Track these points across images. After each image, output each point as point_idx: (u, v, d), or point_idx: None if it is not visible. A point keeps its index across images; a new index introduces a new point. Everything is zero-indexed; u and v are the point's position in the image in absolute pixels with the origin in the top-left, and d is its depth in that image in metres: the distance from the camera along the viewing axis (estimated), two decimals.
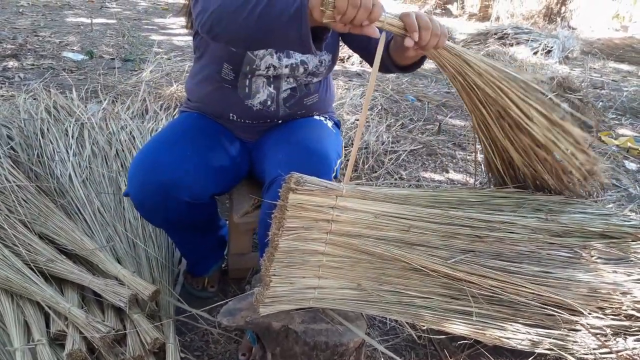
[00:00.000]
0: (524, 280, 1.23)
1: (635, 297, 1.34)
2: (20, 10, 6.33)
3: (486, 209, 1.29)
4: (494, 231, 1.24)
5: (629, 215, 1.51)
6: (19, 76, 3.74)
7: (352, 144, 2.85)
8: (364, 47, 1.47)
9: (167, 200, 1.31)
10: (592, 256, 1.34)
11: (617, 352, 1.29)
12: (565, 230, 1.33)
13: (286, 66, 1.44)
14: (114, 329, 1.36)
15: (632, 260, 1.39)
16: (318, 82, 1.55)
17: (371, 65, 1.16)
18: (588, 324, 1.30)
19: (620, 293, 1.33)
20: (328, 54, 1.49)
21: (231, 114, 1.50)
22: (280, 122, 1.54)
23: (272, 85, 1.47)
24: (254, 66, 1.43)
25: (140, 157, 1.35)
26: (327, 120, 1.59)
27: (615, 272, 1.35)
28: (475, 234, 1.21)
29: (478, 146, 1.47)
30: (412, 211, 1.14)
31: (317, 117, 1.58)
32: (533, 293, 1.24)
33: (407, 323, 1.18)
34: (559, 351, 1.26)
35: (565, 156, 1.32)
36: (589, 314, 1.30)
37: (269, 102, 1.48)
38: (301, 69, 1.46)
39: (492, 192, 1.40)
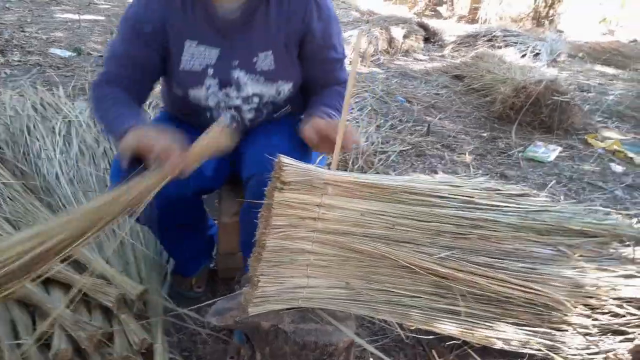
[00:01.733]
0: (509, 276, 1.24)
1: (618, 292, 1.36)
2: (7, 6, 6.25)
3: (469, 207, 1.30)
4: (477, 229, 1.25)
5: (603, 215, 1.53)
6: (5, 72, 3.69)
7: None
8: (305, 89, 1.50)
9: None
10: (575, 254, 1.35)
11: (606, 351, 1.30)
12: (547, 228, 1.35)
13: (237, 98, 1.40)
14: (101, 329, 1.34)
15: (614, 258, 1.40)
16: (288, 98, 1.47)
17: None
18: (575, 324, 1.32)
19: (604, 289, 1.34)
20: (287, 82, 1.41)
21: (200, 128, 1.47)
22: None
23: (233, 110, 1.43)
24: (202, 105, 1.41)
25: (118, 156, 1.34)
26: None
27: (599, 268, 1.37)
28: (459, 232, 1.22)
29: (467, 148, 1.47)
30: (396, 209, 1.15)
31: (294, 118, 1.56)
32: (519, 287, 1.24)
33: (395, 323, 1.18)
34: (547, 351, 1.27)
35: None
36: (575, 307, 1.31)
37: (234, 124, 1.43)
38: (256, 99, 1.41)
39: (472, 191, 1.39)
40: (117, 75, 1.36)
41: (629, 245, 1.42)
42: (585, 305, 1.35)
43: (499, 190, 1.31)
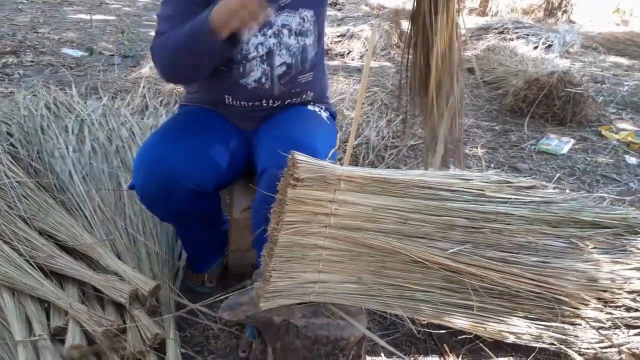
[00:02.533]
0: (523, 270, 1.23)
1: (633, 285, 1.34)
2: (20, 7, 6.31)
3: (480, 200, 1.29)
4: (490, 222, 1.24)
5: (613, 206, 1.51)
6: (18, 73, 3.73)
7: (356, 138, 2.84)
8: None
9: (171, 189, 1.33)
10: (588, 246, 1.34)
11: (619, 345, 1.29)
12: (559, 220, 1.33)
13: (270, 36, 1.45)
14: (116, 323, 1.36)
15: (628, 250, 1.39)
16: (311, 61, 1.53)
17: None
18: (588, 317, 1.30)
19: (619, 282, 1.33)
20: (308, 9, 1.49)
21: (227, 97, 1.50)
22: (275, 105, 1.53)
23: (265, 63, 1.47)
24: (244, 52, 1.44)
25: (144, 150, 1.38)
26: (323, 111, 1.59)
27: (613, 261, 1.35)
28: (472, 225, 1.21)
29: (479, 141, 1.47)
30: (409, 203, 1.15)
31: (311, 108, 1.58)
32: (533, 282, 1.24)
33: (407, 318, 1.17)
34: (559, 345, 1.26)
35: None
36: (588, 301, 1.30)
37: (263, 80, 1.48)
38: (285, 32, 1.47)
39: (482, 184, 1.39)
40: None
41: None
42: (598, 299, 1.34)
43: (510, 182, 1.30)
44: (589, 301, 1.30)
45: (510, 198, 1.27)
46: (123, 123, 2.45)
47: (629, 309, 1.36)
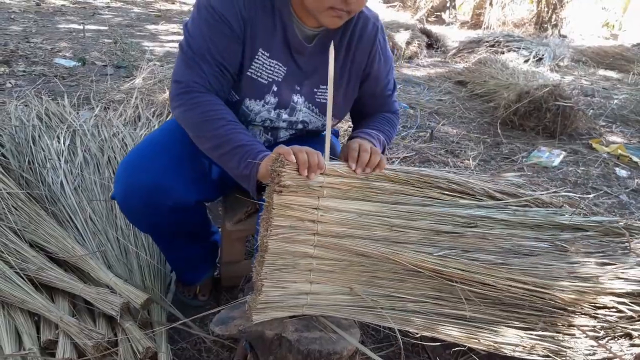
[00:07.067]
0: (511, 271, 1.23)
1: (619, 287, 1.34)
2: (12, 17, 6.30)
3: (460, 206, 1.31)
4: (473, 227, 1.25)
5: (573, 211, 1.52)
6: (10, 82, 3.72)
7: None
8: (357, 119, 1.57)
9: (149, 203, 1.30)
10: (573, 248, 1.34)
11: (613, 356, 1.29)
12: (536, 223, 1.35)
13: (285, 121, 1.41)
14: (107, 337, 1.35)
15: (610, 253, 1.40)
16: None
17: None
18: (580, 325, 1.31)
19: (604, 284, 1.33)
20: (335, 118, 1.48)
21: None
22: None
23: (269, 134, 1.46)
24: (249, 119, 1.40)
25: (126, 160, 1.33)
26: None
27: (600, 263, 1.36)
28: (456, 230, 1.23)
29: (471, 153, 1.48)
30: (393, 209, 1.17)
31: None
32: (523, 285, 1.24)
33: (398, 332, 1.17)
34: (554, 357, 1.26)
35: None
36: (578, 306, 1.30)
37: (266, 145, 1.40)
38: (300, 126, 1.44)
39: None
40: (202, 76, 1.24)
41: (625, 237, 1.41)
42: (589, 303, 1.34)
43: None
44: (579, 304, 1.30)
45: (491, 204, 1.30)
46: (115, 134, 2.45)
47: (620, 312, 1.35)
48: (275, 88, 1.34)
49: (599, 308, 1.35)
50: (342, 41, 1.35)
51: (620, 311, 1.35)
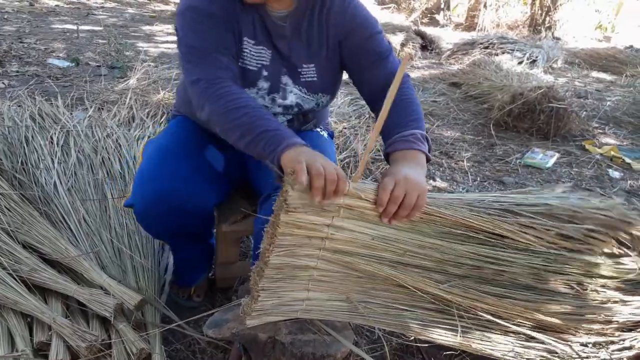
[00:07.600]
0: (515, 305, 1.22)
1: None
2: (5, 17, 6.27)
3: (493, 245, 1.23)
4: (495, 265, 1.21)
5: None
6: (3, 83, 3.70)
7: (344, 151, 2.85)
8: (373, 100, 1.42)
9: (171, 210, 1.31)
10: (594, 292, 1.31)
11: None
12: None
13: (280, 106, 1.41)
14: (101, 338, 1.34)
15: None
16: (316, 113, 1.52)
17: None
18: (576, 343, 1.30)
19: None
20: (326, 95, 1.46)
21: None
22: None
23: None
24: None
25: (143, 169, 1.35)
26: (323, 131, 1.59)
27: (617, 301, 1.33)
28: (474, 264, 1.19)
29: (465, 154, 1.47)
30: (412, 238, 1.12)
31: (313, 129, 1.58)
32: (527, 319, 1.23)
33: (393, 332, 1.17)
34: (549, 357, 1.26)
35: None
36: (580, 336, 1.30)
37: None
38: (295, 109, 1.44)
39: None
40: (214, 67, 1.23)
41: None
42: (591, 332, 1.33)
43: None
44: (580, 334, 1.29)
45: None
46: (109, 134, 2.44)
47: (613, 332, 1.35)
48: (265, 73, 1.35)
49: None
50: (312, 13, 1.34)
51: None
